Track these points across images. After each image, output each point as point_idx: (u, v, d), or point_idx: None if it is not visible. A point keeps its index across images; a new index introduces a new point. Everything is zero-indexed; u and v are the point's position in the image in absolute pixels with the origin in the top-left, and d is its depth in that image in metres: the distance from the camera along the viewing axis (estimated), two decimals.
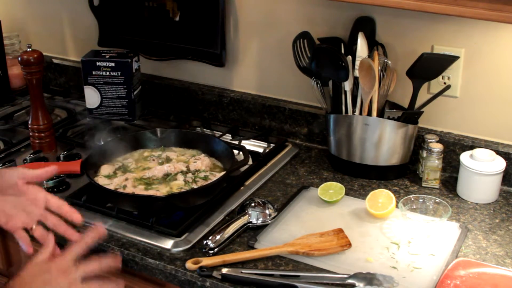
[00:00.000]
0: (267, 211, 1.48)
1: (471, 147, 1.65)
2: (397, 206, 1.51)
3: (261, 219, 1.47)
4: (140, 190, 1.50)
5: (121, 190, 1.49)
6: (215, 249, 1.38)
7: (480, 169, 1.55)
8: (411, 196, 1.53)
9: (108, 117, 1.96)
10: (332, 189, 1.58)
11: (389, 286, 1.26)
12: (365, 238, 1.44)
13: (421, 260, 1.36)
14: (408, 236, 1.44)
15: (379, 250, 1.40)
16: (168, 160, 1.64)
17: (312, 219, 1.52)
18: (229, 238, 1.41)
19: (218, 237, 1.39)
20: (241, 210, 1.50)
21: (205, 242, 1.39)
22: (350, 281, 1.28)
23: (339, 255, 1.37)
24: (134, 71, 1.90)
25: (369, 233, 1.46)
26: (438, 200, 1.51)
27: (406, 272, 1.32)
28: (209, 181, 1.52)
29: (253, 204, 1.49)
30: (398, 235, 1.45)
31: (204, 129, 1.97)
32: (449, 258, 1.36)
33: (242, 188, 1.64)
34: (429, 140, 1.65)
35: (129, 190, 1.50)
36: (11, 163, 1.73)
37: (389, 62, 1.64)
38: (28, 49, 1.86)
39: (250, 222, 1.46)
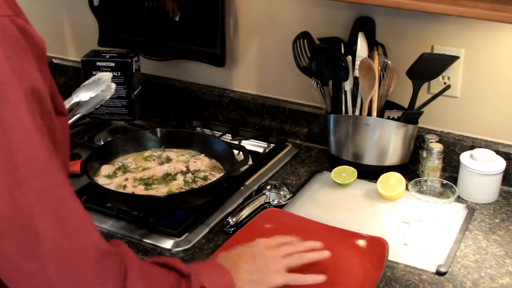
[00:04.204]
0: (282, 193, 1.57)
1: (471, 147, 1.65)
2: (407, 188, 1.57)
3: (276, 200, 1.56)
4: (140, 190, 1.50)
5: (121, 190, 1.49)
6: (235, 227, 1.46)
7: (480, 169, 1.55)
8: (420, 178, 1.59)
9: (108, 117, 1.96)
10: (345, 172, 1.65)
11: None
12: (377, 218, 1.52)
13: (430, 238, 1.44)
14: (417, 215, 1.51)
15: (391, 228, 1.48)
16: (168, 160, 1.64)
17: (326, 200, 1.60)
18: (248, 217, 1.49)
19: (238, 216, 1.48)
20: (258, 191, 1.58)
21: (226, 221, 1.47)
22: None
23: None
24: (134, 71, 1.90)
25: (380, 213, 1.54)
26: (445, 182, 1.57)
27: (417, 248, 1.40)
28: (209, 181, 1.53)
29: (268, 187, 1.58)
30: (408, 215, 1.52)
31: (204, 129, 1.98)
32: (457, 236, 1.44)
33: (242, 188, 1.64)
34: (429, 140, 1.65)
35: (129, 190, 1.50)
36: None
37: (389, 62, 1.64)
38: None
39: (267, 203, 1.55)
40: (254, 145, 1.88)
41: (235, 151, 1.71)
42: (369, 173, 1.67)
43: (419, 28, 1.66)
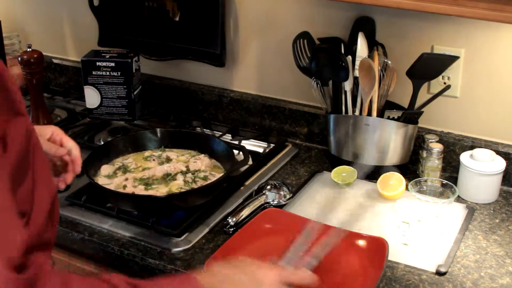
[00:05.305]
0: (282, 193, 1.58)
1: (471, 147, 1.65)
2: (407, 188, 1.57)
3: (276, 200, 1.56)
4: (140, 190, 1.50)
5: (121, 190, 1.49)
6: (234, 227, 1.46)
7: (480, 169, 1.55)
8: (420, 178, 1.59)
9: (108, 117, 1.96)
10: (345, 172, 1.65)
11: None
12: (377, 218, 1.52)
13: (430, 238, 1.44)
14: (417, 215, 1.51)
15: (391, 228, 1.48)
16: (168, 160, 1.64)
17: (326, 200, 1.60)
18: (247, 217, 1.49)
19: (238, 216, 1.48)
20: (258, 191, 1.58)
21: (226, 221, 1.47)
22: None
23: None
24: (134, 71, 1.90)
25: (381, 213, 1.54)
26: (445, 182, 1.57)
27: (417, 248, 1.40)
28: (209, 181, 1.53)
29: (268, 187, 1.59)
30: (408, 215, 1.52)
31: (204, 129, 1.98)
32: (457, 236, 1.44)
33: (242, 188, 1.64)
34: (429, 140, 1.65)
35: (129, 190, 1.50)
36: None
37: (389, 62, 1.64)
38: (28, 49, 1.86)
39: (267, 203, 1.55)
40: (254, 145, 1.88)
41: (235, 151, 1.71)
42: (369, 173, 1.67)
43: (419, 28, 1.66)
